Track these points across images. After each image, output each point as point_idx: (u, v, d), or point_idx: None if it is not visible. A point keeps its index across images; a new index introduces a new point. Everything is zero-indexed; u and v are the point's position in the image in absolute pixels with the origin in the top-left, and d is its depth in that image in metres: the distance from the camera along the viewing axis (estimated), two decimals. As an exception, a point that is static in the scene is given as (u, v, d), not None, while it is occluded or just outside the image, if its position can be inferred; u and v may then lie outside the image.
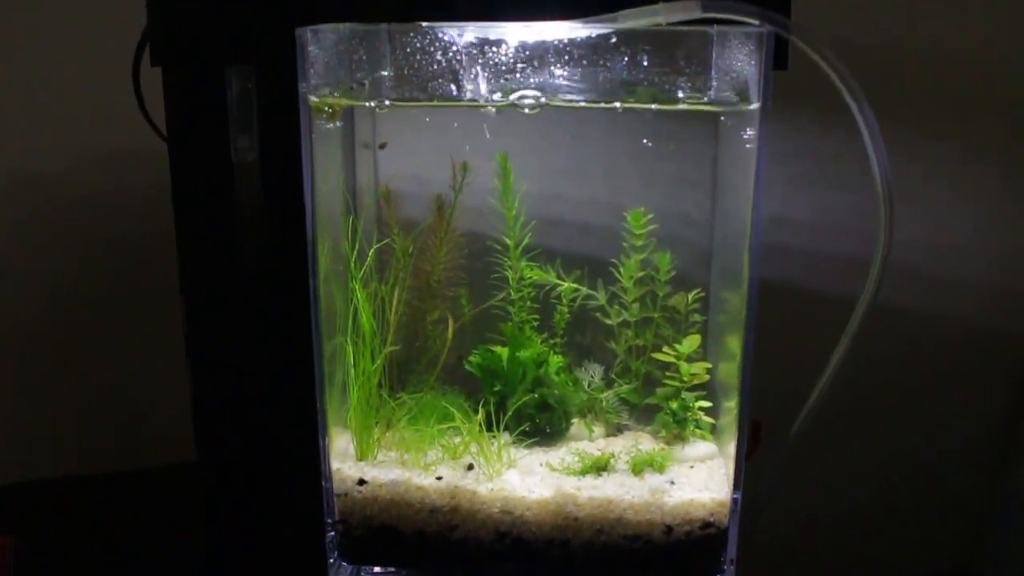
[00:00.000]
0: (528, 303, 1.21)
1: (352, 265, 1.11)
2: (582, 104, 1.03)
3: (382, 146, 1.19)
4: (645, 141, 1.14)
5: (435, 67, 1.01)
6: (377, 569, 1.12)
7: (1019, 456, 1.65)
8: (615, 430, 1.21)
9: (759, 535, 1.16)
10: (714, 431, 1.18)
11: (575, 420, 1.20)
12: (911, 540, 1.73)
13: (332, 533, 1.11)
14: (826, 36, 0.97)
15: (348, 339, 1.11)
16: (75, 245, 1.58)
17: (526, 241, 1.19)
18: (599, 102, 1.03)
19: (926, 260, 1.60)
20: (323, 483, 1.10)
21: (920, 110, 1.10)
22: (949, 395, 1.70)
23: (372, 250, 1.13)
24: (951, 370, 1.69)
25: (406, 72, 1.01)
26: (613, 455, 1.12)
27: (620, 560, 1.09)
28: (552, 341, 1.21)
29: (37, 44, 1.52)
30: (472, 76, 1.01)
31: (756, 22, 0.97)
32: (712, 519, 1.08)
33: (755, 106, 0.99)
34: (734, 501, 1.08)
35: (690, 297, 1.19)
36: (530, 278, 1.20)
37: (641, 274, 1.19)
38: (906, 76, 1.06)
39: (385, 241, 1.15)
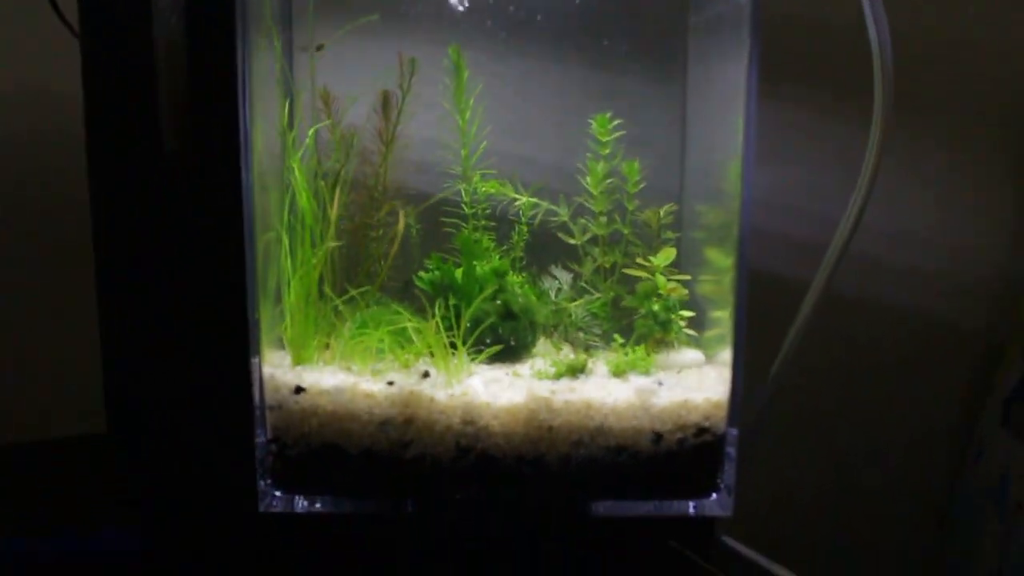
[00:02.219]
0: (483, 220, 1.08)
1: (290, 144, 0.97)
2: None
3: (319, 47, 1.08)
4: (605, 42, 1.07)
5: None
6: (309, 503, 0.94)
7: (978, 450, 1.57)
8: (584, 350, 1.07)
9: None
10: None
11: (540, 339, 1.06)
12: (876, 532, 1.63)
13: (262, 455, 0.94)
14: None
15: (284, 229, 0.96)
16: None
17: (482, 148, 1.08)
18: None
19: (887, 250, 1.55)
20: (254, 395, 0.93)
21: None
22: (908, 388, 1.63)
23: (312, 130, 1.00)
24: (910, 361, 1.62)
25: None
26: (591, 356, 0.98)
27: (601, 479, 0.94)
28: (511, 256, 1.08)
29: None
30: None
31: None
32: (708, 423, 0.94)
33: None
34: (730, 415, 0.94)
35: (662, 212, 1.09)
36: (485, 191, 1.08)
37: (609, 181, 1.08)
38: (870, 65, 1.02)
39: (326, 123, 1.02)
